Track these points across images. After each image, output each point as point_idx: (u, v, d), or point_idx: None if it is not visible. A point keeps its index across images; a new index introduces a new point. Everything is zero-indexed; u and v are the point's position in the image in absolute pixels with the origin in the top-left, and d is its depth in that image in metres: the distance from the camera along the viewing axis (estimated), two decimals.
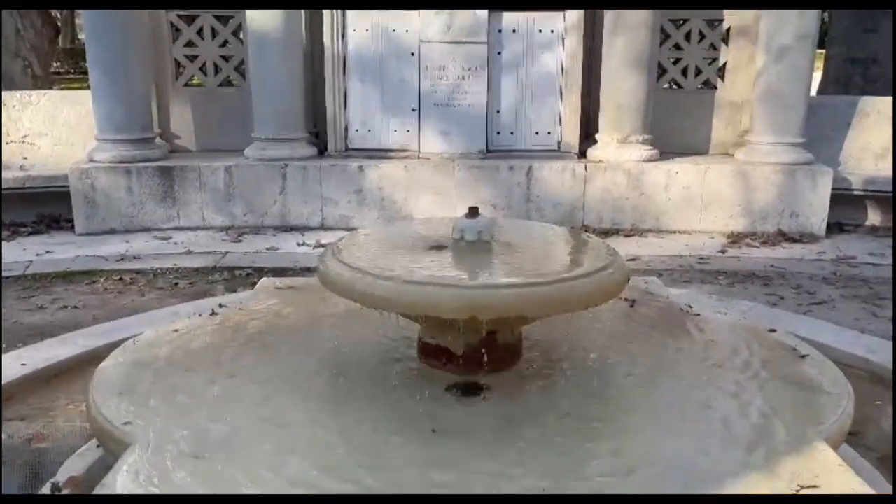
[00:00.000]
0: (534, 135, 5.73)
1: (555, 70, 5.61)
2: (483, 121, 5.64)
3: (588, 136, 5.78)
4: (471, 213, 2.04)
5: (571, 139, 5.69)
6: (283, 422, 1.76)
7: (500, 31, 5.56)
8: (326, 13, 5.52)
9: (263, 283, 2.80)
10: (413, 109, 5.67)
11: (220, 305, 2.53)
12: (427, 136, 5.68)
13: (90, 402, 1.83)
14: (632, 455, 1.62)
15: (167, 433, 1.66)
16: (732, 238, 5.36)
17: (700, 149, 5.94)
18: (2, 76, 7.63)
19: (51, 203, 5.60)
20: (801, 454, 1.59)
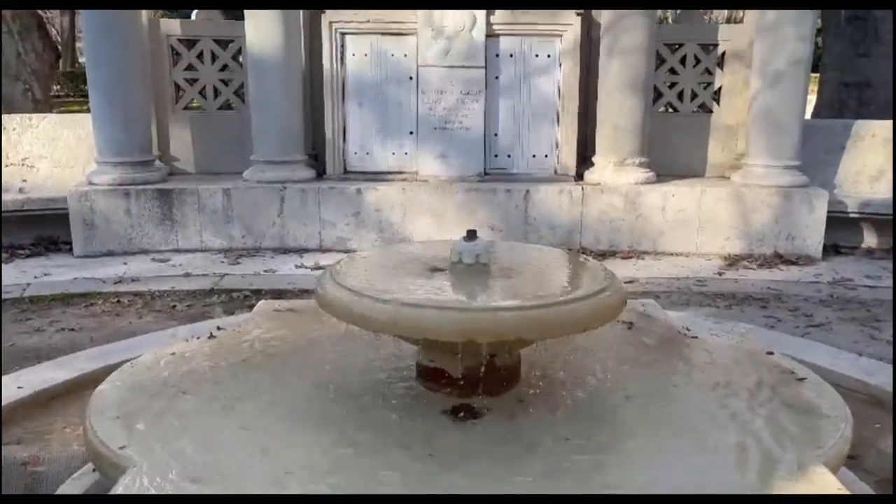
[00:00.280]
0: (531, 158, 5.77)
1: (551, 94, 5.67)
2: (481, 144, 5.69)
3: (585, 159, 5.82)
4: (469, 236, 2.04)
5: (568, 162, 5.73)
6: (281, 446, 1.75)
7: (498, 56, 5.62)
8: (326, 38, 5.58)
9: (261, 306, 2.80)
10: (411, 133, 5.71)
11: (218, 328, 2.53)
12: (425, 159, 5.71)
13: (87, 426, 1.82)
14: (630, 485, 1.61)
15: (164, 458, 1.66)
16: (729, 260, 5.37)
17: (696, 171, 5.98)
18: (2, 99, 7.67)
19: (49, 225, 5.60)
20: (800, 478, 1.59)
